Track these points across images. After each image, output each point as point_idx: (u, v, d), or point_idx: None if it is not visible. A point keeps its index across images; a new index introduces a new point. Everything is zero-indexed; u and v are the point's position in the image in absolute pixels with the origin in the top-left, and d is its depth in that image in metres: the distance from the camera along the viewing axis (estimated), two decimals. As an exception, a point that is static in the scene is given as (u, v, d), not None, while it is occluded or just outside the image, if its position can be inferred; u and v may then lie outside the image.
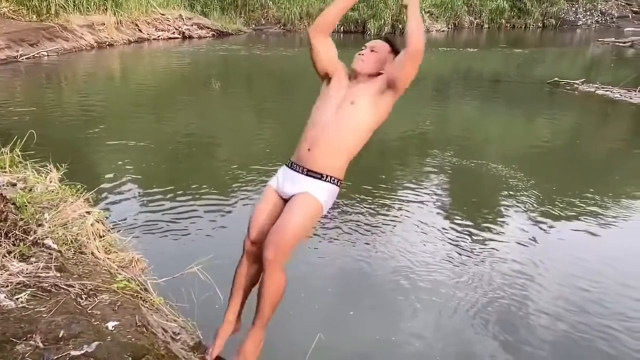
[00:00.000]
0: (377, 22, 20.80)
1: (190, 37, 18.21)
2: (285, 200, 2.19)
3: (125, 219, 4.54)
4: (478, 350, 3.19)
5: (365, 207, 5.07)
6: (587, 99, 10.22)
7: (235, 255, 2.28)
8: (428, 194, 5.52)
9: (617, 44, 18.76)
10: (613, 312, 3.54)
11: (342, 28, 21.54)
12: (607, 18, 26.27)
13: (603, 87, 10.69)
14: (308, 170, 2.15)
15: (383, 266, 4.05)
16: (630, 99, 9.88)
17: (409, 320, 3.45)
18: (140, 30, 17.05)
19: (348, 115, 2.14)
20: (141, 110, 9.01)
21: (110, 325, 1.98)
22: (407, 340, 3.24)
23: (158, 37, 17.44)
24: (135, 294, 2.31)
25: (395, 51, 2.24)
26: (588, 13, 26.18)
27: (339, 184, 2.19)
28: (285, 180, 2.20)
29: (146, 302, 2.36)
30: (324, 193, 2.13)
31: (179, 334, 2.30)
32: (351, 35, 21.18)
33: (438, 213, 5.07)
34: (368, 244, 4.40)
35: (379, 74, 2.20)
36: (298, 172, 2.17)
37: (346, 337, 3.25)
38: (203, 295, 2.83)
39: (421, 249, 4.30)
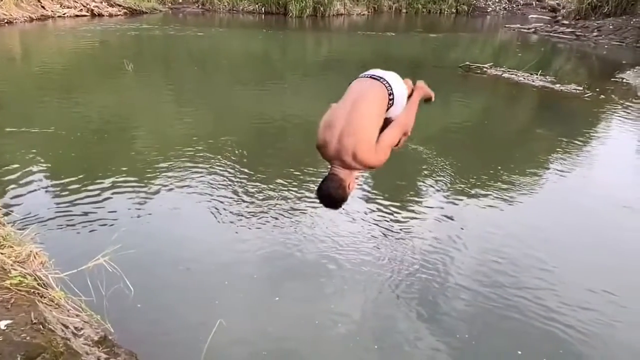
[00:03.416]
0: (298, 4, 20.65)
1: (100, 15, 17.12)
2: None
3: (25, 211, 4.23)
4: (400, 327, 3.32)
5: (290, 191, 5.08)
6: (495, 82, 10.84)
7: (145, 244, 2.20)
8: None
9: (522, 30, 19.99)
10: (520, 280, 3.84)
11: (263, 9, 21.20)
12: (514, 5, 27.87)
13: (509, 71, 11.38)
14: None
15: (309, 249, 4.09)
16: (533, 82, 10.62)
17: (333, 302, 3.52)
18: (43, 7, 15.78)
19: None
20: (46, 94, 8.36)
21: (2, 324, 1.86)
22: (331, 321, 3.31)
23: (64, 14, 16.22)
24: (32, 290, 2.16)
25: None
26: (497, 0, 27.64)
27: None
28: None
29: (45, 298, 2.21)
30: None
31: (82, 329, 2.19)
32: (272, 16, 20.92)
33: (361, 194, 5.18)
34: (293, 226, 4.43)
35: None
36: None
37: (267, 322, 3.25)
38: (112, 287, 2.71)
39: (346, 231, 4.39)
